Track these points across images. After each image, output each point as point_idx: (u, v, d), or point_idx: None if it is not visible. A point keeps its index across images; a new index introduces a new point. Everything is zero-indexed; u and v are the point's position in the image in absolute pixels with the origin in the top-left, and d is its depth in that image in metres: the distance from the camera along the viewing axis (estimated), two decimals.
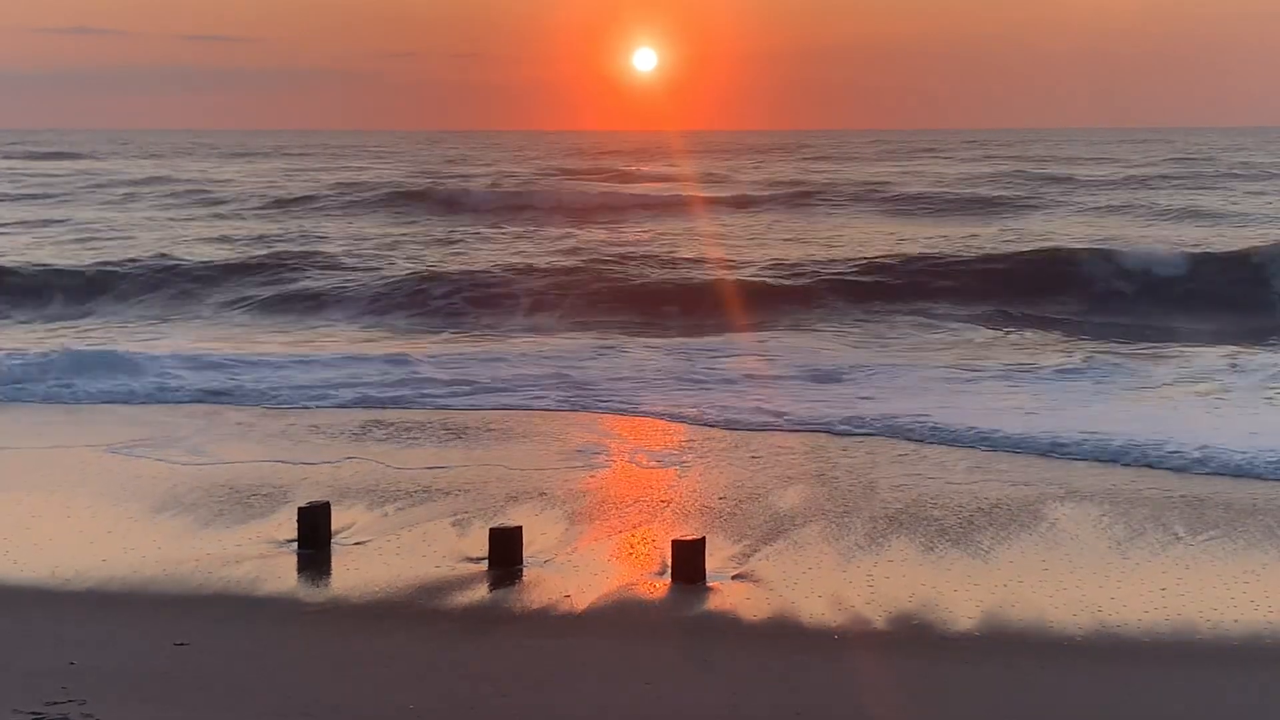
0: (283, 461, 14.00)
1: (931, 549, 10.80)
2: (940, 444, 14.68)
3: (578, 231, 39.62)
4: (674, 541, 10.06)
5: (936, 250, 31.80)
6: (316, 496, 11.85)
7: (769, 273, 30.01)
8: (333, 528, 10.90)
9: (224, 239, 37.55)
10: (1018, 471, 13.51)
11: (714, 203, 48.94)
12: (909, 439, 14.94)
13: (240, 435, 15.48)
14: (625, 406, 17.24)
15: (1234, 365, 19.18)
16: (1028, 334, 23.81)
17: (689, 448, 14.88)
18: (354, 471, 13.48)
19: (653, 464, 14.25)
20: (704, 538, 10.18)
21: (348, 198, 50.20)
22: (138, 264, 31.02)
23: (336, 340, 23.49)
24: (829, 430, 15.50)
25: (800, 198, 50.75)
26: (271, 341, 23.01)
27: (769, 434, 15.48)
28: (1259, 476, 13.20)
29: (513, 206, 46.42)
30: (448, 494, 12.55)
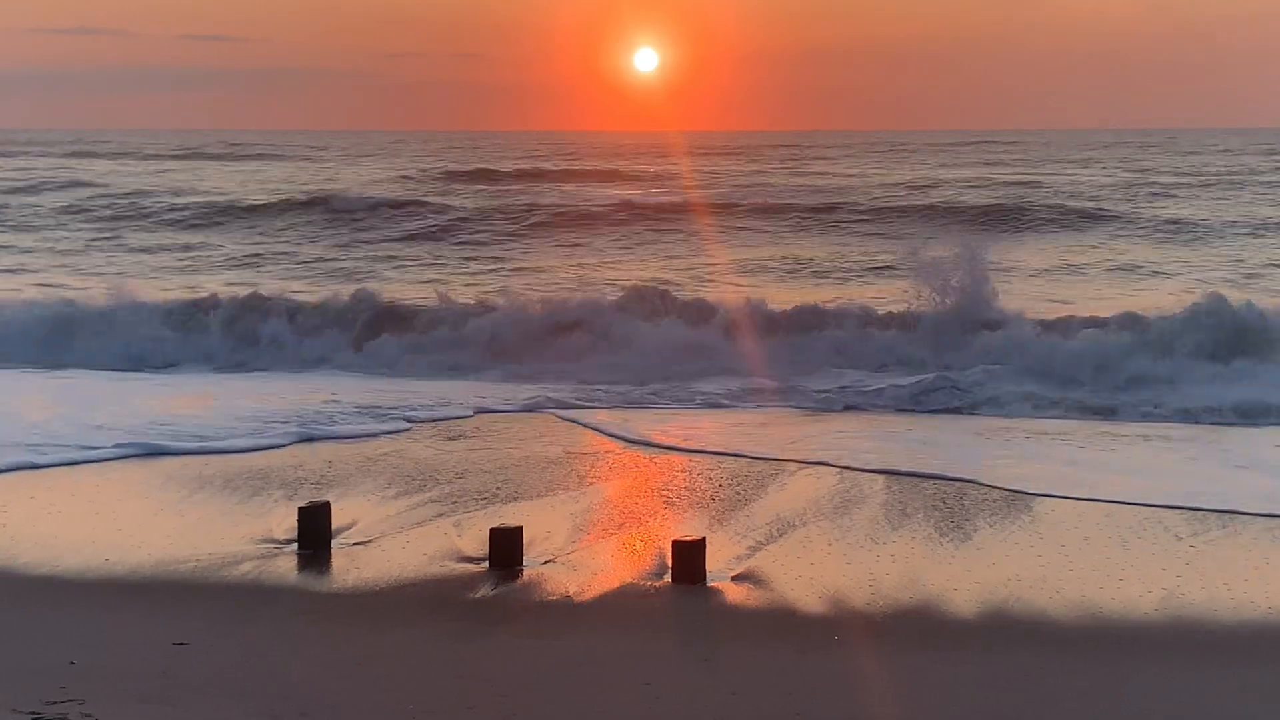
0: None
1: (932, 547, 10.80)
2: None
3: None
4: (674, 542, 10.06)
5: None
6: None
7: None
8: (333, 527, 10.90)
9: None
10: None
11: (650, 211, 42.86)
12: None
13: None
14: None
15: None
16: None
17: (687, 449, 14.91)
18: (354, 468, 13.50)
19: (653, 465, 14.26)
20: (704, 538, 10.16)
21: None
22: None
23: None
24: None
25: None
26: None
27: (770, 431, 15.50)
28: None
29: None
30: (447, 494, 12.55)
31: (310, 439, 15.14)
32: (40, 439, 14.52)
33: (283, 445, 14.81)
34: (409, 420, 16.25)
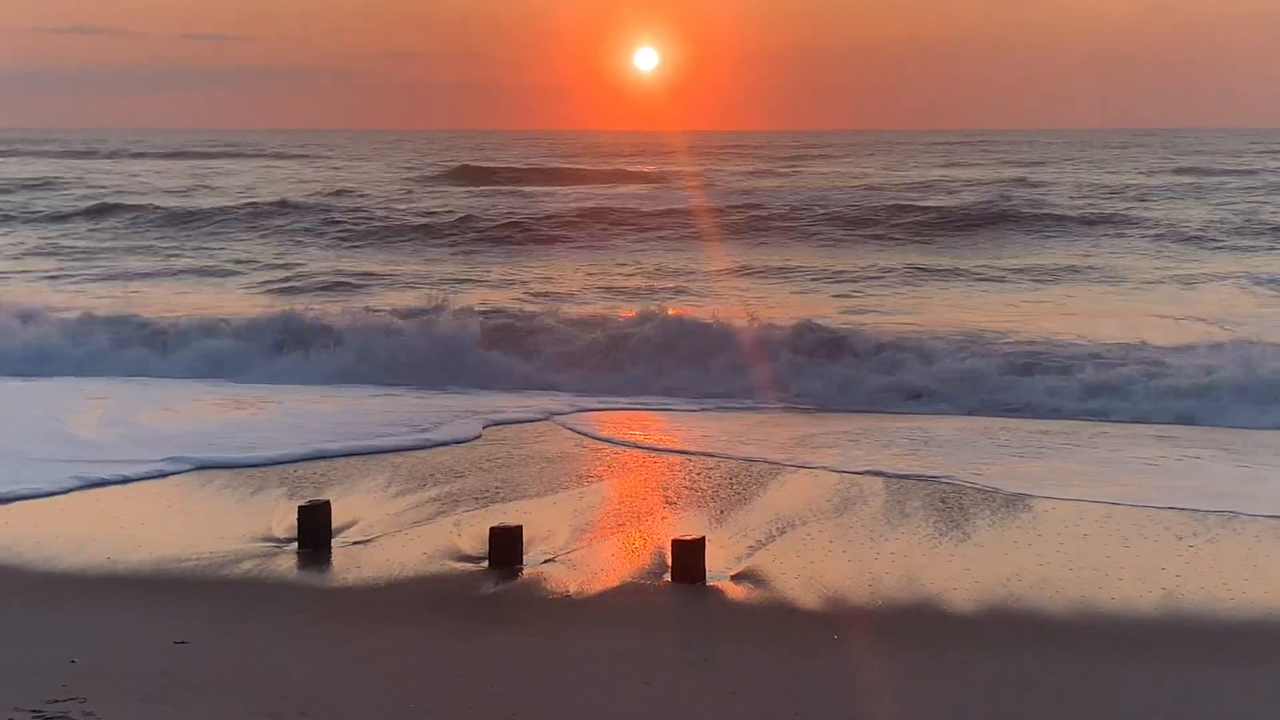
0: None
1: (932, 546, 10.80)
2: None
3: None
4: (674, 541, 10.06)
5: None
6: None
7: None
8: (333, 526, 10.91)
9: None
10: None
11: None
12: None
13: None
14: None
15: None
16: None
17: (688, 448, 14.91)
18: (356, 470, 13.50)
19: (653, 465, 14.27)
20: (704, 537, 10.17)
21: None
22: None
23: None
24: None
25: None
26: None
27: (769, 431, 15.49)
28: None
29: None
30: (448, 494, 12.56)
31: (426, 446, 14.86)
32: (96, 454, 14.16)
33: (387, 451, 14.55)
34: (483, 426, 16.09)
